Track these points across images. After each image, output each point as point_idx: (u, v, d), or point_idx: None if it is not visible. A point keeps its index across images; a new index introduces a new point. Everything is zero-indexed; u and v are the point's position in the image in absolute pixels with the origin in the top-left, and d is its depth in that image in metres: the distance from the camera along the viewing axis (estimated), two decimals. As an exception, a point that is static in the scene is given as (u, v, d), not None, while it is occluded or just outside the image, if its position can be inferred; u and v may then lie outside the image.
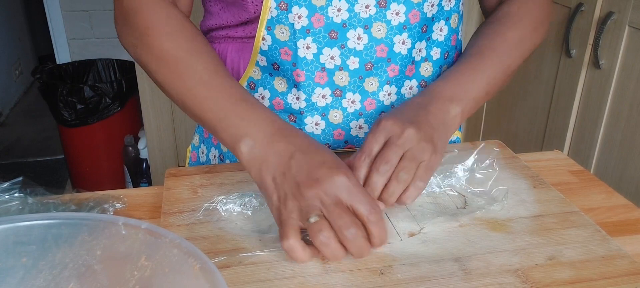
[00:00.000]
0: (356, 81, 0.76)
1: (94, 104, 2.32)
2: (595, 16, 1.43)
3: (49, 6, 2.91)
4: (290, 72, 0.75)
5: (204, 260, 0.46)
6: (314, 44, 0.72)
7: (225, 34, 0.80)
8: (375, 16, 0.72)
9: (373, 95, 0.77)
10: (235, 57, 0.79)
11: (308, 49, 0.73)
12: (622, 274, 0.56)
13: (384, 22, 0.72)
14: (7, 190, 0.65)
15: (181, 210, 0.66)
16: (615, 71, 1.38)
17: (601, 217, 0.67)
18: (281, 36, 0.73)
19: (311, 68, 0.74)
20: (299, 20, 0.71)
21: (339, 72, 0.75)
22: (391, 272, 0.55)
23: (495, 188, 0.70)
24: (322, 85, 0.75)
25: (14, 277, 0.50)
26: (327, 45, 0.73)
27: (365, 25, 0.72)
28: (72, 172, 2.55)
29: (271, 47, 0.74)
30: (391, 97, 0.78)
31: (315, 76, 0.75)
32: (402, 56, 0.75)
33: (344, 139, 0.80)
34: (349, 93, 0.76)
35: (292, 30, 0.72)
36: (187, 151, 0.92)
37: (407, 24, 0.73)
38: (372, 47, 0.73)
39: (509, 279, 0.55)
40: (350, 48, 0.73)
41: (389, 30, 0.73)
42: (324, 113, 0.78)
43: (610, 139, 1.42)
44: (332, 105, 0.77)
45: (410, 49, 0.75)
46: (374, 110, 0.78)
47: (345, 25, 0.72)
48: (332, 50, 0.73)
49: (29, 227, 0.51)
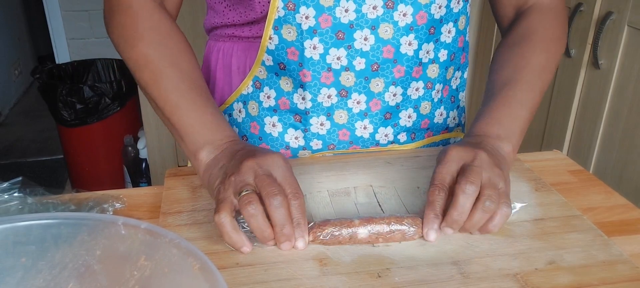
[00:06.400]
0: (362, 82, 0.76)
1: (93, 103, 2.32)
2: (595, 16, 1.43)
3: (48, 6, 2.91)
4: (297, 72, 0.75)
5: (204, 260, 0.46)
6: (321, 44, 0.73)
7: (232, 33, 0.80)
8: (383, 17, 0.72)
9: (379, 96, 0.77)
10: (241, 57, 0.80)
11: (315, 49, 0.73)
12: (623, 280, 0.55)
13: (390, 23, 0.72)
14: (7, 190, 0.65)
15: (180, 210, 0.66)
16: (614, 71, 1.38)
17: (600, 217, 0.67)
18: (288, 36, 0.73)
19: (317, 68, 0.74)
20: (306, 21, 0.71)
21: (345, 73, 0.75)
22: (389, 275, 0.55)
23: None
24: (328, 86, 0.76)
25: (13, 277, 0.50)
26: (333, 45, 0.73)
27: (372, 26, 0.72)
28: (72, 172, 2.55)
29: (278, 47, 0.74)
30: (397, 97, 0.78)
31: (322, 76, 0.75)
32: (408, 57, 0.75)
33: (349, 139, 0.80)
34: (355, 93, 0.76)
35: (299, 31, 0.72)
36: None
37: (414, 25, 0.73)
38: (378, 47, 0.74)
39: (507, 283, 0.54)
40: (357, 49, 0.73)
41: (395, 31, 0.73)
42: (329, 113, 0.78)
43: (609, 139, 1.42)
44: (338, 106, 0.77)
45: (417, 50, 0.75)
46: (379, 110, 0.78)
47: (352, 25, 0.72)
48: (338, 51, 0.73)
49: (28, 227, 0.51)
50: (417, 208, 0.67)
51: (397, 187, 0.71)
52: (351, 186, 0.71)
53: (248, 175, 0.57)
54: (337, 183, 0.72)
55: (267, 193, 0.56)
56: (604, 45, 1.40)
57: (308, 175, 0.73)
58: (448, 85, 0.83)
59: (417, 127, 0.83)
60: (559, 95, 1.60)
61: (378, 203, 0.68)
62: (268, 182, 0.57)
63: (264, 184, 0.56)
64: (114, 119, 2.40)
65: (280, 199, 0.56)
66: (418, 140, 0.84)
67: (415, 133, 0.83)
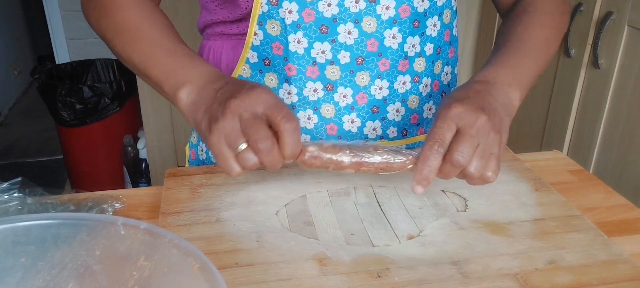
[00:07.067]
0: (347, 75, 0.76)
1: (93, 104, 2.32)
2: (595, 16, 1.43)
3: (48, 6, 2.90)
4: (282, 67, 0.75)
5: (203, 260, 0.46)
6: (305, 39, 0.73)
7: (221, 31, 0.80)
8: (365, 11, 0.73)
9: (364, 90, 0.77)
10: (230, 55, 0.80)
11: (299, 44, 0.73)
12: (623, 279, 0.55)
13: (373, 17, 0.73)
14: (6, 190, 0.65)
15: (180, 211, 0.65)
16: (614, 71, 1.38)
17: (600, 217, 0.67)
18: (272, 31, 0.73)
19: (302, 62, 0.75)
20: (289, 15, 0.72)
21: (330, 66, 0.75)
22: (389, 275, 0.55)
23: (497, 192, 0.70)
24: (313, 80, 0.76)
25: (13, 277, 0.50)
26: (317, 39, 0.73)
27: (355, 19, 0.73)
28: (71, 172, 2.55)
29: (263, 42, 0.75)
30: (383, 91, 0.78)
31: (307, 70, 0.75)
32: (393, 50, 0.76)
33: (337, 133, 0.80)
34: (341, 87, 0.77)
35: (283, 25, 0.72)
36: (185, 149, 0.92)
37: (397, 18, 0.74)
38: (362, 41, 0.74)
39: (507, 283, 0.54)
40: (341, 42, 0.74)
41: (379, 24, 0.74)
42: (316, 107, 0.78)
43: (609, 139, 1.42)
44: (324, 100, 0.77)
45: (402, 44, 0.76)
46: (365, 104, 0.78)
47: (335, 19, 0.72)
48: (322, 45, 0.74)
49: (28, 227, 0.51)
50: (417, 209, 0.67)
51: (397, 187, 0.71)
52: (351, 186, 0.71)
53: (233, 121, 0.57)
54: (337, 183, 0.72)
55: (254, 140, 0.56)
56: (604, 45, 1.40)
57: (308, 175, 0.73)
58: (438, 79, 0.83)
59: (407, 122, 0.83)
60: (559, 95, 1.60)
61: (378, 204, 0.68)
62: (255, 127, 0.56)
63: (251, 130, 0.56)
64: (114, 119, 2.40)
65: (269, 144, 0.56)
66: (410, 137, 0.84)
67: (406, 129, 0.83)
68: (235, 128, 0.57)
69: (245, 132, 0.56)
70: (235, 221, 0.64)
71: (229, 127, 0.57)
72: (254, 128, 0.56)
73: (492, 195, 0.69)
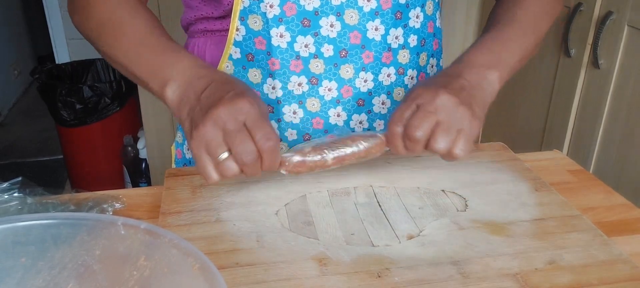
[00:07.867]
0: (332, 68, 0.76)
1: (93, 104, 2.32)
2: (595, 16, 1.43)
3: (48, 6, 2.90)
4: (265, 62, 0.75)
5: (203, 260, 0.46)
6: (288, 33, 0.73)
7: (204, 28, 0.80)
8: (347, 3, 0.73)
9: (349, 82, 0.77)
10: (214, 51, 0.80)
11: (282, 38, 0.73)
12: (623, 279, 0.55)
13: (355, 9, 0.73)
14: (6, 190, 0.65)
15: (180, 211, 0.65)
16: (614, 71, 1.38)
17: (600, 217, 0.67)
18: (254, 26, 0.73)
19: (286, 56, 0.75)
20: (270, 9, 0.72)
21: (314, 60, 0.75)
22: (389, 275, 0.55)
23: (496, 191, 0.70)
24: (297, 74, 0.76)
25: (13, 277, 0.50)
26: (300, 33, 0.73)
27: (337, 12, 0.73)
28: (71, 172, 2.55)
29: (245, 38, 0.75)
30: (368, 84, 0.78)
31: (291, 64, 0.75)
32: (376, 42, 0.76)
33: (323, 127, 0.80)
34: (325, 80, 0.77)
35: (265, 19, 0.72)
36: (171, 149, 0.92)
37: (379, 10, 0.74)
38: (345, 34, 0.74)
39: (507, 283, 0.54)
40: (324, 35, 0.74)
41: (361, 16, 0.74)
42: (301, 101, 0.78)
43: (609, 139, 1.42)
44: (309, 94, 0.77)
45: (385, 36, 0.76)
46: (351, 97, 0.78)
47: (317, 13, 0.73)
48: (305, 38, 0.74)
49: (28, 227, 0.51)
50: (417, 208, 0.67)
51: (397, 187, 0.71)
52: (351, 186, 0.71)
53: (214, 130, 0.57)
54: (337, 183, 0.72)
55: (239, 152, 0.57)
56: (604, 45, 1.40)
57: (308, 174, 0.73)
58: (423, 72, 0.83)
59: None
60: (558, 95, 1.60)
61: (378, 203, 0.68)
62: (239, 139, 0.57)
63: (236, 142, 0.57)
64: (114, 119, 2.40)
65: (253, 158, 0.57)
66: None
67: None
68: (216, 138, 0.57)
69: (230, 143, 0.57)
70: (235, 221, 0.64)
71: (210, 136, 0.57)
72: (238, 140, 0.57)
73: (492, 195, 0.69)
